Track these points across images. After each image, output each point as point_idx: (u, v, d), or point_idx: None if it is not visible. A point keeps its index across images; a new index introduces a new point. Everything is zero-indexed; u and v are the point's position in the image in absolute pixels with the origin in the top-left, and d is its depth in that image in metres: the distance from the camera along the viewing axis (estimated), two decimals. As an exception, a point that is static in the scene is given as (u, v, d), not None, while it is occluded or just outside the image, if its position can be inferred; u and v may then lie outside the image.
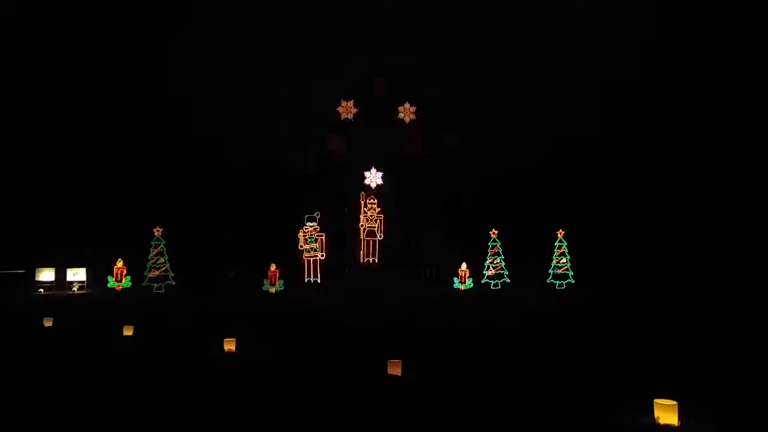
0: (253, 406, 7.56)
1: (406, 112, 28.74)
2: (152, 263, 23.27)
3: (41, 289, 22.62)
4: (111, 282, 23.27)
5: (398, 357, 9.14)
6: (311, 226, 25.41)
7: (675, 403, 6.72)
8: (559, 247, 25.89)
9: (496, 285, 25.75)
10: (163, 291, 22.86)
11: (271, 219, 26.38)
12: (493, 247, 26.21)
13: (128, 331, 12.71)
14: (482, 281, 25.92)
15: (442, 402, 7.71)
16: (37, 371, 9.54)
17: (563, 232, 25.91)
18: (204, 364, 10.00)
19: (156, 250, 23.42)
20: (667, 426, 6.61)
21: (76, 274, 23.53)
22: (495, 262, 26.09)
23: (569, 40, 26.63)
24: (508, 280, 25.83)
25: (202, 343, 11.57)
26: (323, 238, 25.60)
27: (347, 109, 28.38)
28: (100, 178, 26.21)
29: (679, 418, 6.65)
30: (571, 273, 25.56)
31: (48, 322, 13.90)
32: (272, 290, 23.27)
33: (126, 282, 23.36)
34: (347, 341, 12.54)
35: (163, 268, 23.22)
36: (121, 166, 26.33)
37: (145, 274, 23.19)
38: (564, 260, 25.66)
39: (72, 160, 26.01)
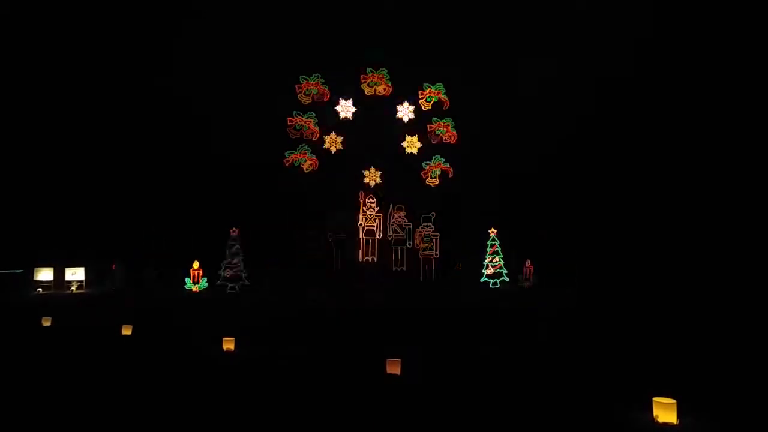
0: (252, 405, 7.55)
1: (405, 112, 28.73)
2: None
3: (40, 289, 22.59)
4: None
5: (397, 356, 9.13)
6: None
7: (674, 401, 6.71)
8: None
9: (495, 284, 25.74)
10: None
11: (269, 219, 26.35)
12: (492, 245, 26.19)
13: (127, 331, 12.70)
14: (481, 280, 25.90)
15: (441, 400, 7.69)
16: (35, 370, 9.51)
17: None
18: (203, 363, 9.98)
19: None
20: (665, 424, 6.60)
21: (75, 274, 23.52)
22: (494, 260, 26.08)
23: (569, 40, 26.63)
24: (507, 279, 25.83)
25: (201, 342, 11.55)
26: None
27: (346, 109, 28.37)
28: (97, 178, 26.17)
29: (678, 417, 6.64)
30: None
31: (46, 322, 13.88)
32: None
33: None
34: (347, 340, 12.52)
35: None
36: (119, 166, 26.29)
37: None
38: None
39: (70, 160, 25.98)
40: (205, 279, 23.39)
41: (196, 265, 23.38)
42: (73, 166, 26.04)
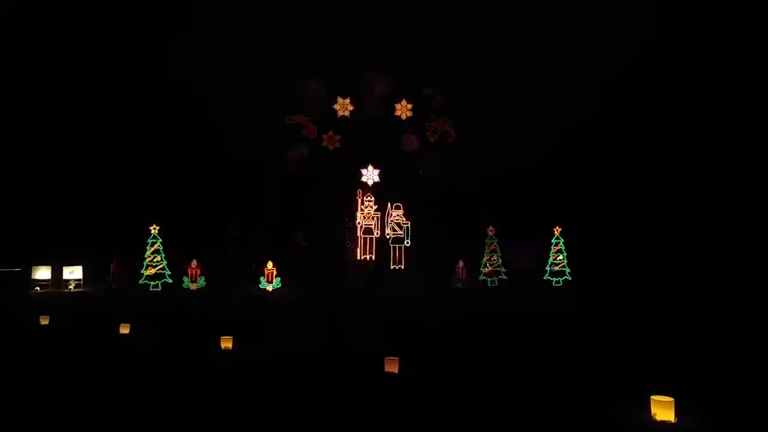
0: (250, 404, 7.56)
1: (403, 110, 28.73)
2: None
3: (37, 288, 22.57)
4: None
5: (395, 354, 9.15)
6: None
7: (672, 399, 6.73)
8: (556, 244, 26.00)
9: (493, 283, 25.78)
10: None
11: (268, 218, 26.34)
12: (490, 244, 26.23)
13: (125, 329, 12.69)
14: (479, 278, 25.93)
15: (440, 399, 7.70)
16: (33, 369, 9.51)
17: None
18: (201, 362, 9.98)
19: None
20: (663, 423, 6.62)
21: (73, 272, 23.50)
22: (492, 259, 26.12)
23: (569, 39, 26.63)
24: (506, 278, 25.87)
25: (199, 341, 11.55)
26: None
27: (344, 107, 28.35)
28: (95, 175, 26.11)
29: (676, 415, 6.66)
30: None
31: (44, 320, 13.87)
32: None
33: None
34: (344, 338, 12.54)
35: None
36: (116, 163, 26.23)
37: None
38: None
39: (67, 157, 25.92)
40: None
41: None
42: (71, 164, 25.97)
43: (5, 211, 24.73)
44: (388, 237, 27.14)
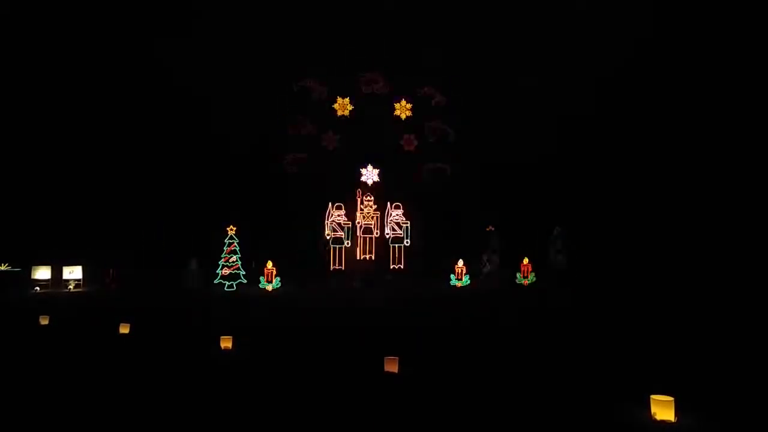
0: (250, 404, 7.55)
1: (402, 109, 28.73)
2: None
3: (37, 287, 22.57)
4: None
5: (395, 354, 9.14)
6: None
7: (672, 398, 6.73)
8: None
9: (493, 281, 25.76)
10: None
11: (268, 218, 26.33)
12: (490, 242, 26.24)
13: (124, 329, 12.69)
14: (479, 277, 25.93)
15: (440, 399, 7.70)
16: (33, 369, 9.51)
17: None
18: (201, 362, 9.98)
19: None
20: (663, 422, 6.62)
21: (73, 272, 23.51)
22: (492, 258, 26.10)
23: (569, 38, 26.64)
24: (505, 276, 25.84)
25: (199, 340, 11.55)
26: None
27: (343, 107, 28.33)
28: (95, 176, 26.10)
29: (676, 414, 6.66)
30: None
31: (44, 320, 13.87)
32: (269, 288, 23.29)
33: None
34: (344, 338, 12.53)
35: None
36: (116, 164, 26.23)
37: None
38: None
39: (67, 157, 25.91)
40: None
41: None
42: (71, 164, 25.96)
43: (5, 212, 24.72)
44: (387, 237, 27.16)
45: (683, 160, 26.49)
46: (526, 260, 25.51)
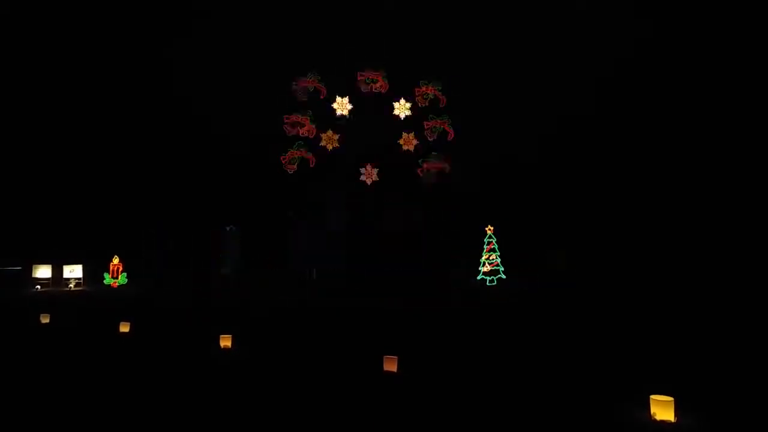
0: (250, 403, 7.56)
1: (402, 109, 28.72)
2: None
3: (38, 286, 22.57)
4: (107, 279, 23.32)
5: (394, 353, 9.16)
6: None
7: (671, 399, 6.75)
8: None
9: (492, 281, 25.79)
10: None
11: (267, 217, 26.34)
12: (489, 243, 26.25)
13: (125, 328, 12.70)
14: (478, 278, 25.95)
15: (439, 398, 7.71)
16: (33, 367, 9.51)
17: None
18: (201, 361, 9.98)
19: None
20: (663, 422, 6.64)
21: (73, 271, 23.52)
22: (491, 258, 26.13)
23: (568, 38, 26.64)
24: (504, 276, 25.88)
25: (199, 339, 11.56)
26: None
27: (342, 106, 28.32)
28: (95, 175, 26.10)
29: (676, 414, 6.68)
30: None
31: (45, 319, 13.88)
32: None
33: (122, 279, 23.43)
34: (344, 337, 12.54)
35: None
36: (116, 164, 26.22)
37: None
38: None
39: (68, 158, 25.90)
40: None
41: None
42: (72, 163, 25.96)
43: (6, 211, 24.73)
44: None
45: (683, 161, 26.49)
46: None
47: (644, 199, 26.88)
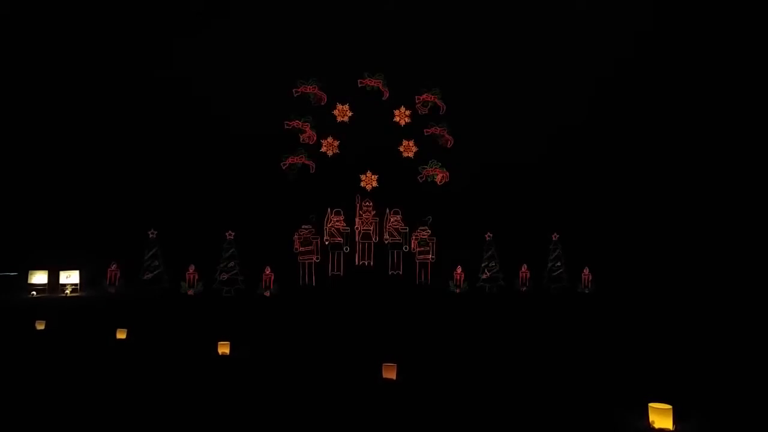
0: (247, 410, 7.51)
1: (402, 116, 28.74)
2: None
3: (34, 292, 22.49)
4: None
5: (393, 360, 9.10)
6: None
7: (670, 407, 6.70)
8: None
9: (491, 289, 25.75)
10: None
11: (266, 221, 26.27)
12: (488, 250, 26.23)
13: (121, 335, 12.63)
14: (477, 285, 25.91)
15: (438, 406, 7.66)
16: (29, 374, 9.45)
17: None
18: (198, 367, 9.93)
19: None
20: (661, 430, 6.59)
21: (69, 277, 23.44)
22: (490, 265, 26.10)
23: (568, 38, 26.74)
24: (503, 284, 25.85)
25: (196, 345, 11.50)
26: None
27: (342, 113, 28.35)
28: (93, 179, 26.06)
29: (674, 423, 6.64)
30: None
31: (40, 325, 13.80)
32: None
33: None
34: (342, 344, 12.49)
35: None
36: (115, 167, 26.19)
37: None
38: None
39: (65, 161, 25.88)
40: None
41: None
42: (68, 168, 25.93)
43: (1, 216, 24.66)
44: (386, 242, 27.12)
45: (682, 164, 26.53)
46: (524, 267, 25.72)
47: (642, 204, 26.90)
